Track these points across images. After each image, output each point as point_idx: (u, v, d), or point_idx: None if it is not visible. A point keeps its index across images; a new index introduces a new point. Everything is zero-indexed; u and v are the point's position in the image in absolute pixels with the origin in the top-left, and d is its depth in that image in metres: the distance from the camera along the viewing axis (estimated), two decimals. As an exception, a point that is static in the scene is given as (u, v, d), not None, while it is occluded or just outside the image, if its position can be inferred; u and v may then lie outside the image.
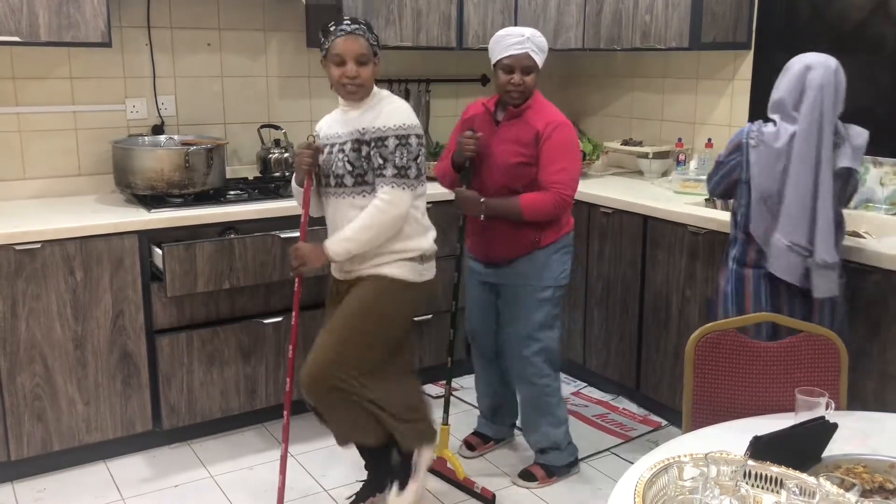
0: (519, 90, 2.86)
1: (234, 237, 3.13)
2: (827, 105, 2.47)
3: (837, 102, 2.50)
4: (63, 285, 2.95)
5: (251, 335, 3.30)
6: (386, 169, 2.51)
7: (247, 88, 3.83)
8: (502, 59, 2.86)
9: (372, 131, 2.53)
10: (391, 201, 2.51)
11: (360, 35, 2.52)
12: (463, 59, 4.29)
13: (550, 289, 2.97)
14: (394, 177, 2.51)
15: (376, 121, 2.54)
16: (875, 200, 3.32)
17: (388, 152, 2.51)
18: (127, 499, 2.98)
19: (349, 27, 2.52)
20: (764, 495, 1.52)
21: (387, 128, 2.52)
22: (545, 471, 3.12)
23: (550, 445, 3.12)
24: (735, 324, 2.17)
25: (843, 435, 1.76)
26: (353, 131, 2.56)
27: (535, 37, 2.86)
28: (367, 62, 2.53)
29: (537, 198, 2.84)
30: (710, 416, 2.10)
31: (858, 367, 2.75)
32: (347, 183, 2.56)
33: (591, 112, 4.62)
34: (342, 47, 2.50)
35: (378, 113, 2.55)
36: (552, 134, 2.84)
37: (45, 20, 2.97)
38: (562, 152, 2.84)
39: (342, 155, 2.57)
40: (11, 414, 2.95)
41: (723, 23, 3.64)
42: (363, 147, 2.54)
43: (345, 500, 2.95)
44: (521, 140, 2.88)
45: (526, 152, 2.87)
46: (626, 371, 3.67)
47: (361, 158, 2.54)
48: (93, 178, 3.53)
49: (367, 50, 2.53)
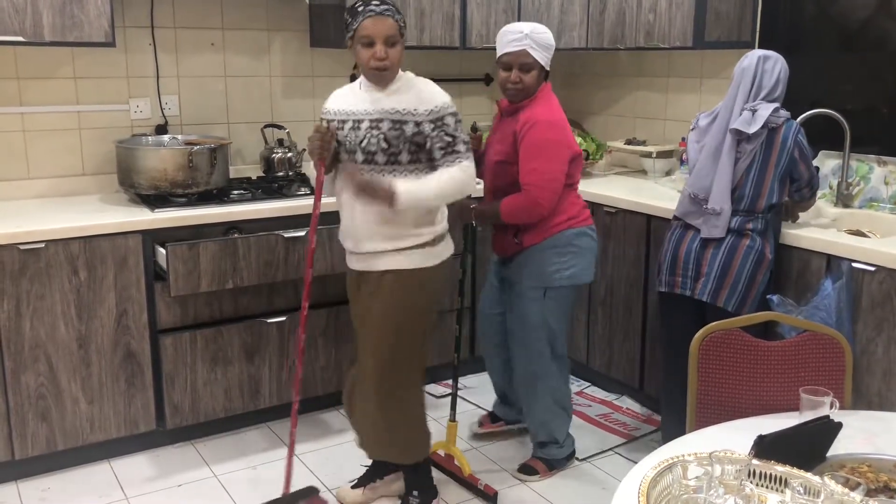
0: (517, 88, 2.85)
1: (237, 237, 3.13)
2: (744, 85, 2.86)
3: (759, 85, 2.85)
4: (67, 285, 2.96)
5: (255, 335, 3.30)
6: (457, 144, 2.53)
7: (250, 88, 3.83)
8: (501, 56, 2.87)
9: (425, 114, 2.50)
10: (472, 173, 2.57)
11: (388, 15, 2.48)
12: (466, 58, 4.29)
13: (539, 289, 2.95)
14: (467, 150, 2.56)
15: (421, 102, 2.52)
16: (879, 199, 3.31)
17: (451, 129, 2.53)
18: (131, 498, 2.99)
19: (378, 7, 2.47)
20: (768, 494, 1.52)
21: (439, 107, 2.52)
22: (545, 464, 3.14)
23: (550, 439, 3.13)
24: (739, 323, 2.17)
25: (848, 434, 1.76)
26: (390, 110, 2.52)
27: (534, 33, 2.83)
28: (396, 43, 2.50)
29: (514, 200, 2.84)
30: (715, 415, 2.10)
31: (863, 367, 2.75)
32: (379, 160, 2.53)
33: (595, 111, 4.61)
34: (371, 28, 2.45)
35: (418, 93, 2.54)
36: (527, 133, 2.81)
37: (48, 20, 2.98)
38: (536, 152, 2.80)
39: (377, 132, 2.52)
40: (16, 413, 2.95)
41: (727, 22, 3.63)
42: (405, 127, 2.51)
43: (347, 482, 2.99)
44: (503, 138, 2.90)
45: (504, 150, 2.89)
46: (630, 370, 3.67)
47: (401, 138, 2.51)
48: (96, 178, 3.53)
49: (395, 31, 2.49)
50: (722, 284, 2.86)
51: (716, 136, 2.90)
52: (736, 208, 2.86)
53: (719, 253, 2.87)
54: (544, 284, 2.95)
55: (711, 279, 2.87)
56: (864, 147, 3.38)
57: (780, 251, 2.97)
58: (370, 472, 2.97)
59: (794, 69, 3.68)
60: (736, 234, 2.86)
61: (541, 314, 2.97)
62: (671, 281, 2.99)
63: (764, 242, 2.86)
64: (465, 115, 4.23)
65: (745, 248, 2.84)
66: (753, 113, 2.82)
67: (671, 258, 2.99)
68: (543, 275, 2.94)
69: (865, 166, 3.37)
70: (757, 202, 2.84)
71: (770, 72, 2.86)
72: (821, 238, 2.89)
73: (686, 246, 2.95)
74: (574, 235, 2.95)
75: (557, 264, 2.93)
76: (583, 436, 3.44)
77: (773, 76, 2.86)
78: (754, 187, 2.84)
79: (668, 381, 3.16)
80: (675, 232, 3.03)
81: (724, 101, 2.93)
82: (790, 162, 2.83)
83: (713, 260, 2.87)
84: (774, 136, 2.81)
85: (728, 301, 2.86)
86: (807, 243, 2.91)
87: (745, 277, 2.84)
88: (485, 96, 4.47)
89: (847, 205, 3.37)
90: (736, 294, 2.86)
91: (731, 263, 2.85)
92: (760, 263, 2.85)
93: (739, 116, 2.83)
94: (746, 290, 2.86)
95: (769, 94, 2.85)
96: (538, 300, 2.96)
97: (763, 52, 2.90)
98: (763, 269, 2.86)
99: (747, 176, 2.84)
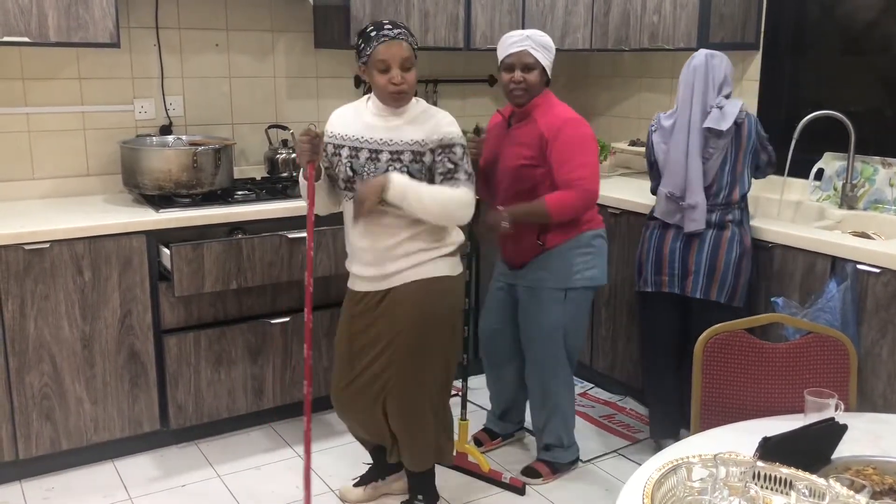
0: (521, 87, 2.86)
1: (241, 237, 3.13)
2: (698, 82, 2.95)
3: (710, 81, 2.95)
4: (71, 285, 2.96)
5: (258, 335, 3.30)
6: (459, 173, 2.52)
7: (254, 89, 3.84)
8: (504, 59, 2.88)
9: (437, 141, 2.50)
10: (471, 202, 2.55)
11: (402, 39, 2.45)
12: (471, 59, 4.29)
13: (562, 291, 2.95)
14: (467, 181, 2.53)
15: (437, 130, 2.51)
16: (884, 201, 3.30)
17: (457, 158, 2.52)
18: (134, 498, 2.99)
19: (392, 32, 2.44)
20: (773, 497, 1.52)
21: (451, 137, 2.52)
22: (549, 467, 3.13)
23: (556, 443, 3.13)
24: (743, 325, 2.17)
25: (853, 436, 1.76)
26: (410, 142, 2.49)
27: (535, 35, 2.86)
28: (411, 67, 2.47)
29: (563, 196, 2.81)
30: (719, 416, 2.09)
31: (868, 369, 2.75)
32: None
33: (599, 112, 4.61)
34: (386, 53, 2.43)
35: (436, 123, 2.52)
36: (559, 133, 2.82)
37: (54, 21, 2.98)
38: (576, 149, 2.82)
39: (399, 165, 2.49)
40: (20, 413, 2.96)
41: (731, 23, 3.63)
42: (424, 158, 2.50)
43: (349, 480, 3.00)
44: (525, 142, 2.88)
45: (528, 154, 2.87)
46: (633, 372, 3.66)
47: (423, 171, 2.50)
48: (101, 179, 3.54)
49: (410, 53, 2.46)
50: (712, 279, 2.96)
51: (680, 134, 2.98)
52: (714, 202, 2.97)
53: (704, 249, 2.96)
54: (566, 286, 2.94)
55: (701, 276, 2.97)
56: (869, 149, 3.38)
57: (785, 252, 2.99)
58: (372, 470, 2.97)
59: (799, 71, 3.70)
60: (717, 227, 2.97)
61: (560, 316, 2.96)
62: (657, 280, 3.06)
63: (742, 232, 2.98)
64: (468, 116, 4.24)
65: (727, 240, 2.96)
66: (721, 109, 2.93)
67: (655, 258, 3.07)
68: (566, 275, 2.93)
69: (870, 168, 3.36)
70: (732, 194, 2.97)
71: (718, 67, 2.97)
72: (825, 240, 2.89)
73: (669, 245, 3.04)
74: (592, 236, 2.97)
75: (579, 265, 2.94)
76: (586, 437, 3.43)
77: (721, 71, 2.98)
78: (730, 181, 2.96)
79: (653, 379, 3.26)
80: (654, 232, 3.11)
81: (679, 100, 3.02)
82: (755, 152, 2.99)
83: (699, 257, 2.97)
84: (741, 130, 2.93)
85: (720, 294, 2.96)
86: (811, 245, 2.90)
87: (733, 268, 2.95)
88: (488, 97, 4.47)
89: (852, 206, 3.36)
90: (726, 286, 2.96)
91: (717, 257, 2.95)
92: (743, 252, 2.96)
93: (709, 114, 2.93)
94: (735, 279, 2.96)
95: (722, 90, 2.97)
96: (559, 302, 2.95)
97: (709, 51, 3.02)
98: (746, 256, 2.98)
99: (722, 170, 2.95)
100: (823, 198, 3.48)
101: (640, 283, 3.14)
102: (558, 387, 3.05)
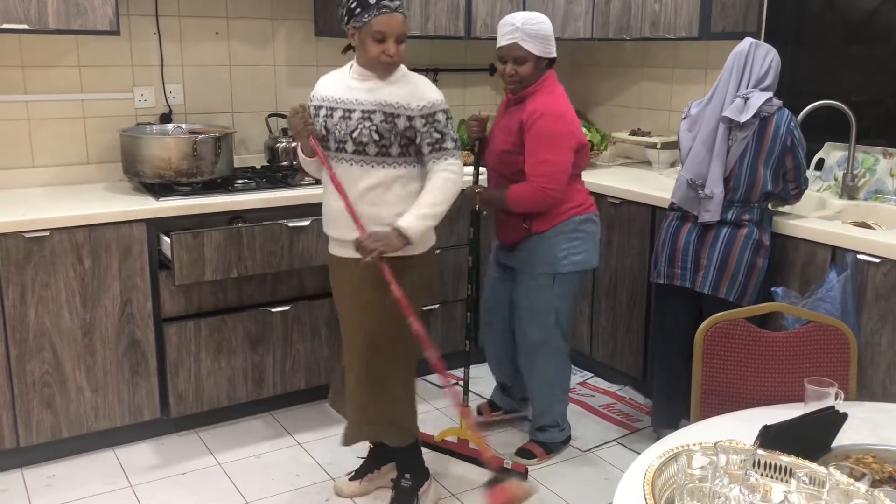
0: (514, 80, 2.88)
1: (241, 226, 3.13)
2: (734, 73, 2.88)
3: (748, 71, 2.86)
4: (71, 273, 2.96)
5: (259, 324, 3.30)
6: (446, 141, 2.53)
7: (255, 77, 3.83)
8: (497, 49, 2.90)
9: (418, 109, 2.50)
10: (460, 171, 2.57)
11: (401, 12, 2.49)
12: (471, 48, 4.28)
13: (548, 275, 2.97)
14: (454, 147, 2.56)
15: (414, 98, 2.50)
16: (885, 192, 3.30)
17: (441, 126, 2.53)
18: (135, 486, 3.00)
19: (392, 4, 2.47)
20: (773, 484, 1.52)
21: (431, 104, 2.52)
22: (543, 448, 3.17)
23: (551, 423, 3.17)
24: (744, 314, 2.17)
25: (853, 425, 1.76)
26: (383, 103, 2.51)
27: (526, 24, 2.83)
28: (404, 40, 2.52)
29: (521, 190, 2.86)
30: (720, 405, 2.10)
31: (867, 358, 2.75)
32: (370, 152, 2.51)
33: (600, 102, 4.60)
34: (386, 24, 2.45)
35: (413, 89, 2.52)
36: (534, 124, 2.83)
37: (53, 8, 2.97)
38: (543, 143, 2.82)
39: (369, 123, 2.51)
40: (21, 401, 2.96)
41: (732, 12, 3.62)
42: (397, 120, 2.50)
43: (345, 474, 3.00)
44: (509, 128, 2.92)
45: (510, 140, 2.90)
46: (633, 361, 3.67)
47: (392, 131, 2.50)
48: (101, 167, 3.53)
49: (406, 28, 2.51)
50: (722, 276, 2.88)
51: (709, 123, 2.91)
52: (732, 199, 2.88)
53: (717, 244, 2.89)
54: (554, 270, 2.96)
55: (711, 271, 2.89)
56: (870, 139, 3.37)
57: (785, 242, 2.97)
58: (367, 463, 2.97)
59: (800, 60, 3.69)
60: (733, 225, 2.88)
61: (549, 300, 2.99)
62: (670, 273, 3.01)
63: (761, 231, 2.89)
64: (469, 105, 4.23)
65: (742, 237, 2.87)
66: (745, 101, 2.83)
67: (670, 250, 3.00)
68: (553, 261, 2.95)
69: (871, 158, 3.36)
70: (752, 192, 2.86)
71: (762, 59, 2.87)
72: (826, 230, 2.89)
73: (684, 238, 2.97)
74: (580, 221, 2.99)
75: (566, 250, 2.95)
76: (585, 426, 3.44)
77: (764, 64, 2.87)
78: (748, 177, 2.85)
79: (661, 369, 3.23)
80: (671, 223, 3.04)
81: (717, 87, 2.94)
82: (781, 153, 2.83)
83: (712, 251, 2.89)
84: (766, 125, 2.81)
85: (729, 292, 2.88)
86: (812, 235, 2.90)
87: (745, 267, 2.86)
88: (489, 86, 4.46)
89: (852, 196, 3.36)
90: (736, 284, 2.87)
91: (729, 254, 2.87)
92: (758, 251, 2.88)
93: (731, 104, 2.85)
94: (746, 279, 2.87)
95: (760, 82, 2.86)
96: (547, 287, 2.98)
97: (756, 41, 2.91)
98: (761, 256, 2.88)
99: (740, 165, 2.85)
100: (824, 188, 3.48)
101: (654, 275, 3.11)
102: (553, 368, 3.08)
